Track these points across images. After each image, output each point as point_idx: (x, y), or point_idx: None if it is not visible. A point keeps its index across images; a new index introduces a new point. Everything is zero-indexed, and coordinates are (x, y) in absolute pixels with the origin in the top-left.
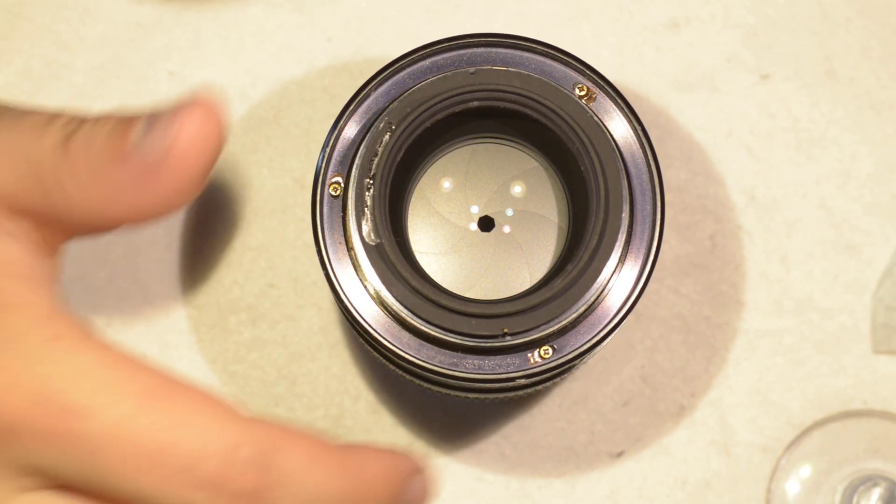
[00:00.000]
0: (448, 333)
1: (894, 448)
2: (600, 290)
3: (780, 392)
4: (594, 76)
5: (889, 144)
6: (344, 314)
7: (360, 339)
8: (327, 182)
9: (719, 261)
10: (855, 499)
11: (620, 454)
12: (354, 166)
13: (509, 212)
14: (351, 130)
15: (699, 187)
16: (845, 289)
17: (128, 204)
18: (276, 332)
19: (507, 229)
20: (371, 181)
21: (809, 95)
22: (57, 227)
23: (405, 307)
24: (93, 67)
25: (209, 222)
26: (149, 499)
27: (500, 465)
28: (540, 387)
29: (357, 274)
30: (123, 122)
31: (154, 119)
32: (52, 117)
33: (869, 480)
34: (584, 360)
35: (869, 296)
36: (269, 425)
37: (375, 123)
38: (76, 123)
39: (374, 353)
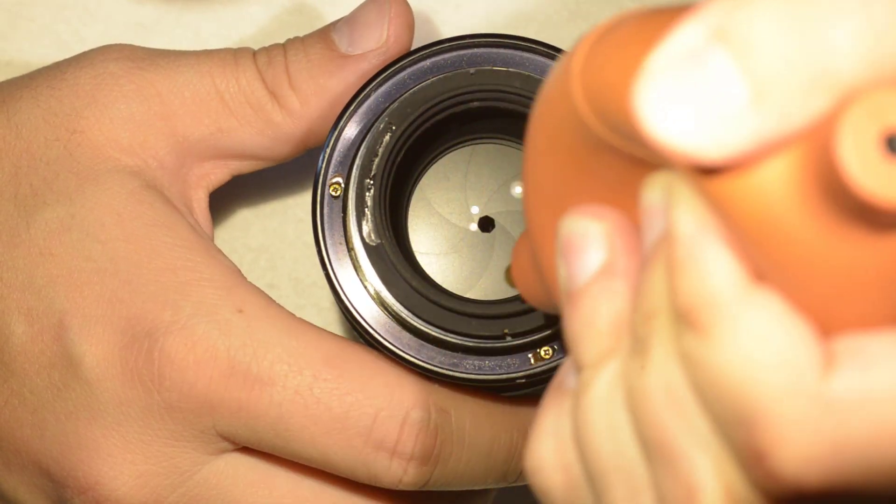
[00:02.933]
0: (448, 334)
1: None
2: None
3: None
4: None
5: None
6: (344, 314)
7: (361, 339)
8: (328, 183)
9: None
10: None
11: None
12: (355, 167)
13: (509, 209)
14: (351, 131)
15: None
16: None
17: (341, 105)
18: None
19: (507, 227)
20: (371, 182)
21: None
22: (244, 161)
23: (405, 307)
24: None
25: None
26: (330, 461)
27: None
28: (541, 387)
29: (357, 274)
30: (324, 36)
31: (353, 24)
32: (236, 52)
33: None
34: None
35: None
36: (440, 388)
37: (376, 124)
38: (269, 50)
39: None
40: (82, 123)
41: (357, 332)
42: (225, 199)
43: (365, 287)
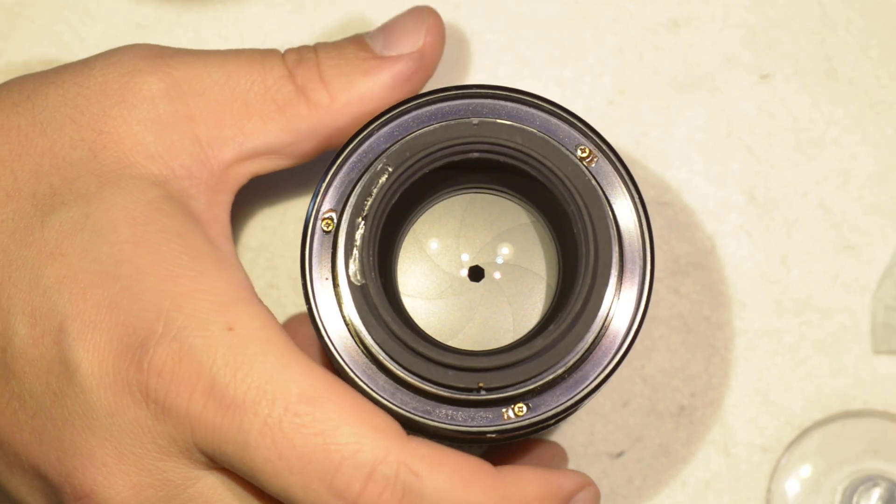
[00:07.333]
0: (424, 381)
1: (894, 448)
2: (581, 353)
3: (780, 392)
4: (597, 139)
5: (889, 144)
6: (325, 349)
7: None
8: (320, 216)
9: (719, 261)
10: (855, 499)
11: (620, 454)
12: (349, 205)
13: (500, 261)
14: (349, 167)
15: (699, 187)
16: (845, 289)
17: (374, 106)
18: None
19: (496, 279)
20: (362, 221)
21: (809, 95)
22: (266, 159)
23: (383, 350)
24: None
25: None
26: (291, 498)
27: None
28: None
29: (340, 312)
30: (357, 39)
31: (389, 29)
32: (263, 52)
33: (869, 480)
34: (559, 420)
35: (869, 296)
36: (418, 445)
37: (374, 164)
38: (298, 50)
39: None
40: (109, 124)
41: (334, 369)
42: None
43: (346, 326)
